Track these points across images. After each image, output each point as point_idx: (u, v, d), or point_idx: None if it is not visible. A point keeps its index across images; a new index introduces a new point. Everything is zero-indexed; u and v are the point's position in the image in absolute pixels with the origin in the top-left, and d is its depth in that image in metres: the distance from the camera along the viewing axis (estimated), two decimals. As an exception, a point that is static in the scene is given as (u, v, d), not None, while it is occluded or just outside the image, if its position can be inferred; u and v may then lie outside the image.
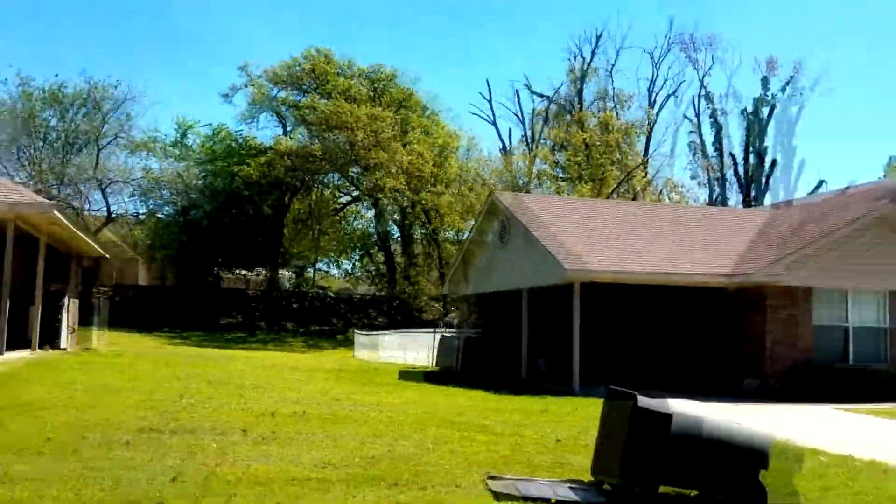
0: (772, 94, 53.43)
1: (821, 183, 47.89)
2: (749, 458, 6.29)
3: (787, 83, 53.13)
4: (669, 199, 52.21)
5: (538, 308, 22.13)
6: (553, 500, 6.18)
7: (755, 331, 18.67)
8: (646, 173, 51.12)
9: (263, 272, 52.01)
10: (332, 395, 13.66)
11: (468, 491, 6.37)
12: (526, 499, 6.16)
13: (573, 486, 6.74)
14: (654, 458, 6.15)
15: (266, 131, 49.89)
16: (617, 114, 53.25)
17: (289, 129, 50.40)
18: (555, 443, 9.32)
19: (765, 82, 53.53)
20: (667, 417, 6.18)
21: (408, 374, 21.52)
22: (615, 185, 47.34)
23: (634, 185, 48.79)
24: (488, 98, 56.56)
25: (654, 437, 6.14)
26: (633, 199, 45.58)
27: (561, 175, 53.10)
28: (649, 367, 21.65)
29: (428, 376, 21.00)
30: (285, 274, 55.14)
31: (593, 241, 20.16)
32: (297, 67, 48.34)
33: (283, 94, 49.70)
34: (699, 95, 55.11)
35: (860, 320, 19.00)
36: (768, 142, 54.06)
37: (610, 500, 6.35)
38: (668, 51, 55.38)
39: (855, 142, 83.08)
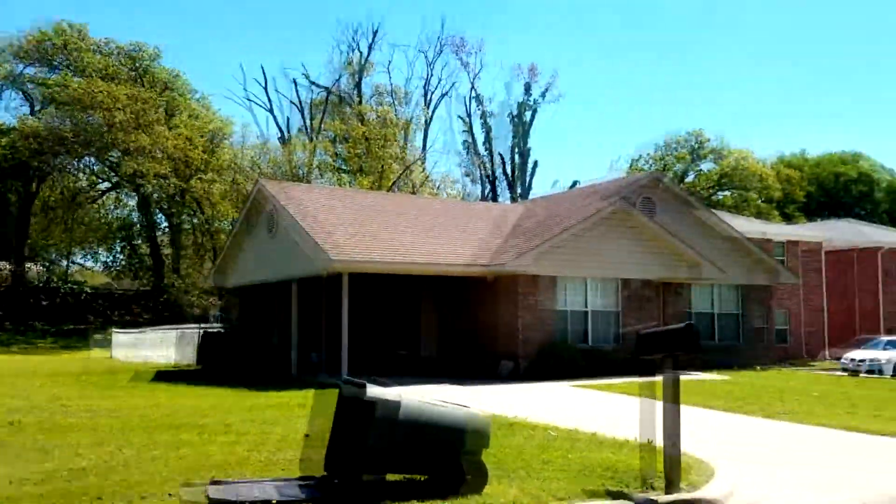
0: (534, 100, 57.42)
1: (575, 182, 52.38)
2: (450, 438, 6.52)
3: (547, 89, 57.43)
4: (447, 194, 54.21)
5: (312, 299, 21.84)
6: (274, 502, 5.98)
7: (509, 316, 19.91)
8: (424, 168, 52.61)
9: (7, 266, 46.16)
10: (63, 401, 12.35)
11: (180, 500, 5.97)
12: (240, 503, 5.89)
13: (304, 483, 6.60)
14: (380, 446, 6.18)
15: (9, 111, 44.40)
16: (395, 109, 54.15)
17: (36, 108, 45.22)
18: (301, 438, 9.13)
19: (527, 87, 57.35)
20: (370, 404, 6.22)
21: (165, 375, 20.17)
22: (395, 179, 48.14)
23: (413, 179, 49.97)
24: (264, 85, 54.80)
25: (359, 425, 6.17)
26: (413, 193, 46.65)
27: (343, 167, 53.04)
28: (420, 355, 22.33)
29: (187, 376, 19.83)
30: (33, 268, 49.42)
31: (363, 231, 20.24)
32: (48, 42, 43.48)
33: (30, 70, 44.51)
34: (470, 97, 57.71)
35: (598, 305, 21.02)
36: (531, 143, 58.13)
37: (326, 495, 6.26)
38: (441, 52, 57.32)
39: (606, 142, 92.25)
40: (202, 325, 28.15)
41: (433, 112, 56.38)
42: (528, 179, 58.91)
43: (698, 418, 12.96)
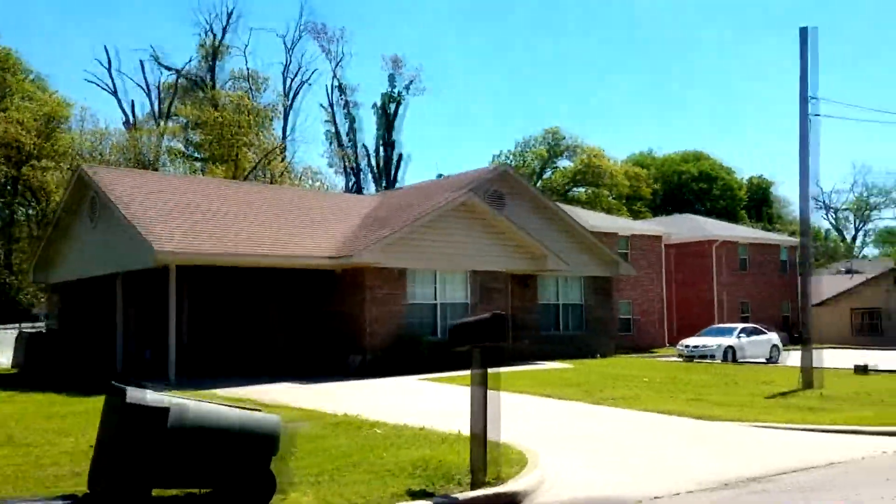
0: (398, 92, 57.03)
1: (440, 176, 52.52)
2: (257, 445, 6.00)
3: (411, 82, 57.21)
4: (310, 185, 52.77)
5: (143, 295, 20.35)
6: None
7: (357, 310, 19.42)
8: (284, 158, 50.91)
9: None
10: None
11: None
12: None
13: (66, 502, 5.83)
14: (147, 459, 5.52)
15: None
16: (252, 95, 52.08)
17: None
18: (88, 450, 8.22)
19: (391, 79, 56.92)
20: (162, 412, 5.59)
21: (-28, 380, 18.13)
22: (251, 168, 46.26)
23: (273, 169, 48.27)
24: (107, 66, 51.01)
25: (148, 436, 5.51)
26: (272, 183, 44.95)
27: (196, 155, 50.50)
28: (267, 352, 21.31)
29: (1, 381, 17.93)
30: None
31: (197, 221, 19.01)
32: None
33: None
34: (332, 86, 56.56)
35: (447, 297, 20.95)
36: (397, 135, 57.72)
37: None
38: (300, 38, 55.77)
39: (487, 137, 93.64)
40: (22, 326, 25.73)
41: (293, 100, 54.79)
42: (394, 172, 58.56)
43: (531, 406, 13.11)
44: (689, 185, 61.62)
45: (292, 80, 55.37)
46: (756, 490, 7.48)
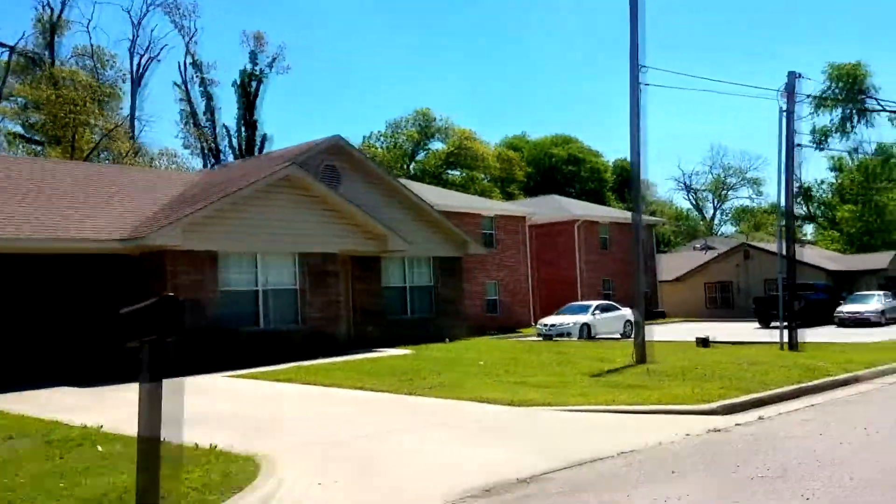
0: (260, 69, 53.85)
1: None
2: None
3: (274, 59, 54.13)
4: (168, 167, 48.96)
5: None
6: None
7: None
8: (131, 138, 46.89)
9: None
10: None
11: None
12: None
13: None
14: None
15: None
16: (98, 73, 47.65)
17: None
18: None
19: (253, 56, 53.64)
20: None
21: None
22: (90, 150, 42.20)
23: (119, 150, 44.28)
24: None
25: None
26: (114, 163, 41.08)
27: (37, 137, 45.77)
28: (48, 352, 18.40)
29: None
30: None
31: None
32: None
33: None
34: (185, 62, 52.72)
35: (272, 283, 18.95)
36: (259, 115, 54.49)
37: None
38: (148, 12, 51.57)
39: (341, 117, 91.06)
40: None
41: (141, 77, 50.60)
42: (257, 153, 55.37)
43: (323, 403, 11.64)
44: (560, 168, 61.96)
45: (141, 56, 51.17)
46: (521, 495, 6.14)
